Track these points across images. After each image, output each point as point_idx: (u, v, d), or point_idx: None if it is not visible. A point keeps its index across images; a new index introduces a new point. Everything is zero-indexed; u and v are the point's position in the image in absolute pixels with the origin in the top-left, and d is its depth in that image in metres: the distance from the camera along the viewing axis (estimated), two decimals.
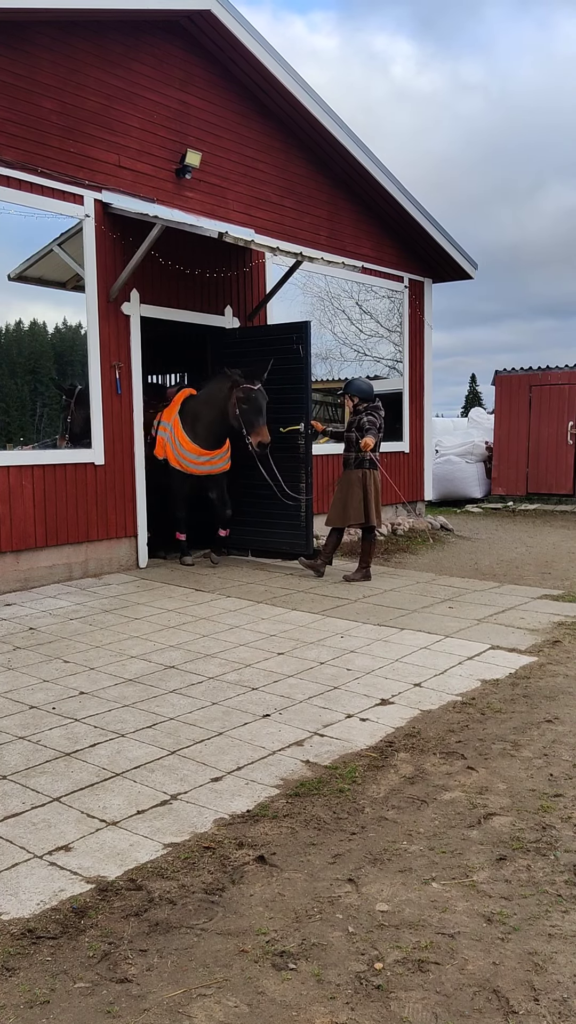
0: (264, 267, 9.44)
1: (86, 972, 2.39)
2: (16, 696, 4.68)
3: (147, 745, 3.98)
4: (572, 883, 2.83)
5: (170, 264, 8.14)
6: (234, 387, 7.79)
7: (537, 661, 5.36)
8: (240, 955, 2.46)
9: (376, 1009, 2.24)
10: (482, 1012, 2.22)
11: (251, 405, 7.76)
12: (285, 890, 2.80)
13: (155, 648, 5.64)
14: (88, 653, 5.52)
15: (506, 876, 2.88)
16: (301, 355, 8.30)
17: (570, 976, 2.36)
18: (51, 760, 3.82)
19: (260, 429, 7.78)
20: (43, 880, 2.85)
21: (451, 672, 5.14)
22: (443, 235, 11.40)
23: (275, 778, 3.63)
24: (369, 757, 3.86)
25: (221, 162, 8.78)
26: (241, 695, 4.70)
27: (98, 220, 7.64)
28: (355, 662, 5.32)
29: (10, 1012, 2.23)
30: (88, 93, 7.49)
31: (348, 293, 10.81)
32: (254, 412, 7.78)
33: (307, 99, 9.12)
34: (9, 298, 7.35)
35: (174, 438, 8.13)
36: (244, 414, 7.79)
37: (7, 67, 6.87)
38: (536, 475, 15.88)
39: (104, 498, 7.86)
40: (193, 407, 8.15)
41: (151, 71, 8.02)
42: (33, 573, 7.35)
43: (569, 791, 3.50)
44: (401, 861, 2.98)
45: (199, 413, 8.09)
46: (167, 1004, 2.26)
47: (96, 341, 7.73)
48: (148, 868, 2.92)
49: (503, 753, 3.91)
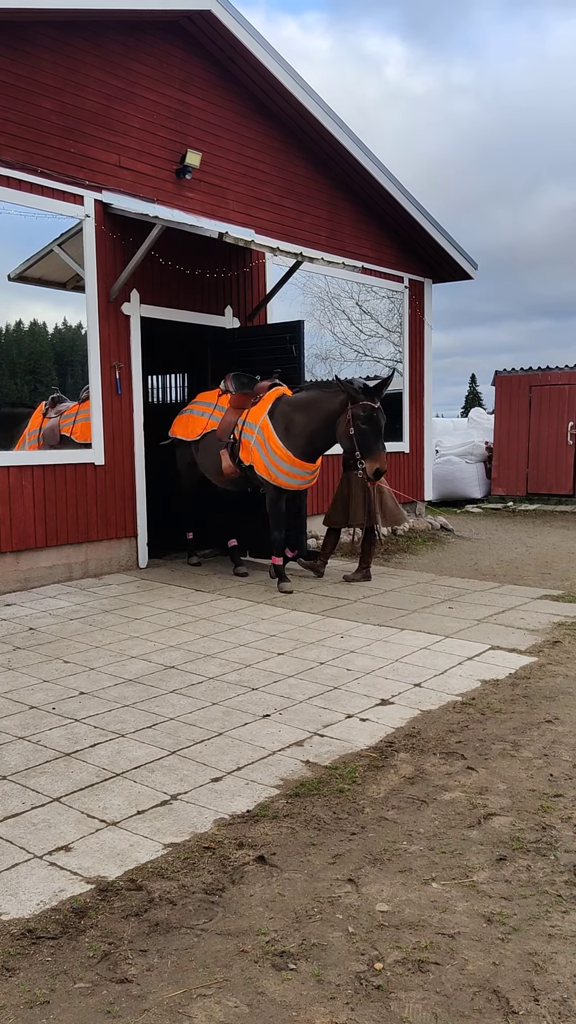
0: (264, 267, 9.44)
1: (86, 972, 2.39)
2: (16, 696, 4.68)
3: (147, 745, 3.98)
4: (572, 883, 2.83)
5: (170, 264, 8.14)
6: (350, 401, 6.90)
7: (537, 661, 5.36)
8: (240, 955, 2.46)
9: (376, 1009, 2.24)
10: (482, 1012, 2.22)
11: (372, 426, 6.86)
12: (285, 890, 2.80)
13: (155, 648, 5.64)
14: (88, 653, 5.52)
15: (506, 876, 2.88)
16: (295, 354, 8.28)
17: (570, 976, 2.36)
18: (51, 760, 3.82)
19: (379, 455, 6.90)
20: (43, 880, 2.85)
21: (451, 672, 5.14)
22: (443, 235, 11.41)
23: (275, 778, 3.63)
24: (369, 757, 3.86)
25: (221, 162, 8.78)
26: (241, 695, 4.70)
27: (98, 220, 7.64)
28: (355, 662, 5.32)
29: (10, 1012, 2.23)
30: (88, 93, 7.50)
31: (348, 293, 10.81)
32: (374, 434, 6.88)
33: (307, 99, 9.12)
34: (9, 298, 7.35)
35: (264, 443, 7.28)
36: (362, 435, 6.87)
37: (7, 67, 6.87)
38: (536, 475, 15.88)
39: (104, 498, 7.86)
40: (286, 411, 7.31)
41: (151, 71, 8.02)
42: (33, 573, 7.35)
43: (569, 791, 3.50)
44: (401, 861, 2.98)
45: (293, 419, 7.24)
46: (167, 1004, 2.26)
47: (96, 341, 7.73)
48: (148, 868, 2.92)
49: (503, 753, 3.91)
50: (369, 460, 6.91)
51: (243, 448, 7.51)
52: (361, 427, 6.87)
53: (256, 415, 7.45)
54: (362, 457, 6.92)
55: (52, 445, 7.58)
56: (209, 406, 8.03)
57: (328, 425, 7.09)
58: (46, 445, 7.53)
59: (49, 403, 7.65)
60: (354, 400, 6.89)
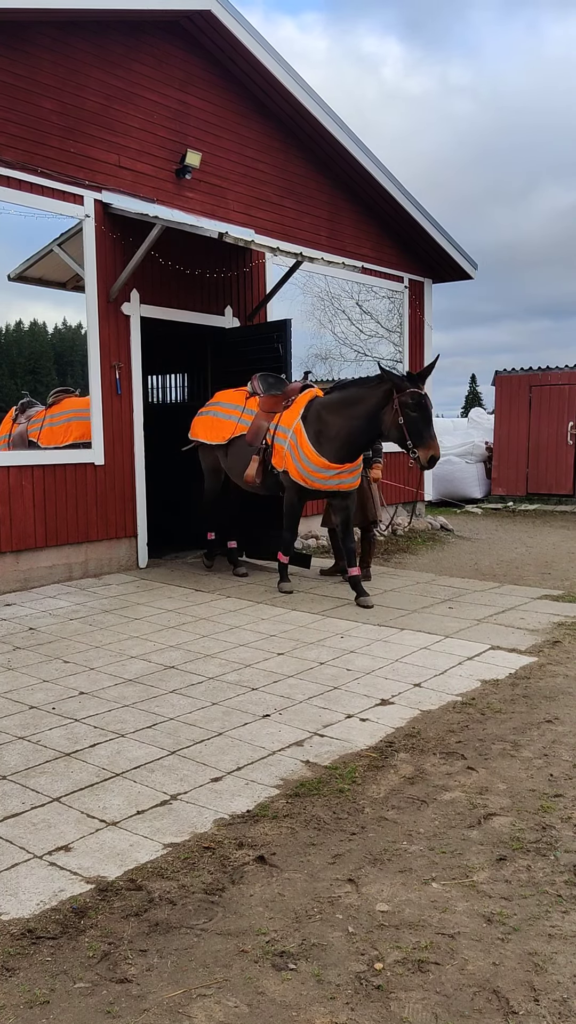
0: (264, 267, 9.44)
1: (86, 972, 2.39)
2: (16, 696, 4.68)
3: (147, 745, 3.98)
4: (572, 883, 2.83)
5: (170, 264, 8.14)
6: (395, 391, 6.71)
7: (537, 661, 5.36)
8: (240, 955, 2.46)
9: (376, 1009, 2.24)
10: (482, 1012, 2.22)
11: (422, 413, 6.66)
12: (285, 890, 2.80)
13: (155, 648, 5.64)
14: (88, 653, 5.52)
15: (506, 876, 2.87)
16: (280, 353, 8.26)
17: (570, 976, 2.36)
18: (51, 760, 3.82)
19: (431, 442, 6.68)
20: (43, 880, 2.85)
21: (451, 672, 5.14)
22: (443, 235, 11.41)
23: (275, 778, 3.63)
24: (369, 757, 3.86)
25: (221, 162, 8.78)
26: (241, 695, 4.70)
27: (98, 220, 7.64)
28: (355, 662, 5.32)
29: (10, 1012, 2.23)
30: (88, 93, 7.50)
31: (348, 293, 10.82)
32: (424, 421, 6.67)
33: (307, 99, 9.12)
34: (9, 298, 7.35)
35: (296, 448, 7.09)
36: (412, 423, 6.64)
37: (7, 67, 6.87)
38: (536, 475, 15.88)
39: (104, 498, 7.86)
40: (321, 413, 7.12)
41: (151, 71, 8.03)
42: (33, 573, 7.35)
43: (569, 791, 3.50)
44: (401, 861, 2.98)
45: (328, 420, 7.05)
46: (167, 1004, 2.25)
47: (96, 341, 7.73)
48: (148, 868, 2.92)
49: (503, 753, 3.91)
50: (422, 448, 6.67)
51: (276, 453, 7.31)
52: (411, 415, 6.65)
53: (289, 419, 7.25)
54: (414, 446, 6.68)
55: None
56: (236, 409, 7.77)
57: (371, 420, 6.87)
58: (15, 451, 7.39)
59: (19, 408, 7.48)
60: (400, 388, 6.68)
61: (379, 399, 6.82)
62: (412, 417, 6.65)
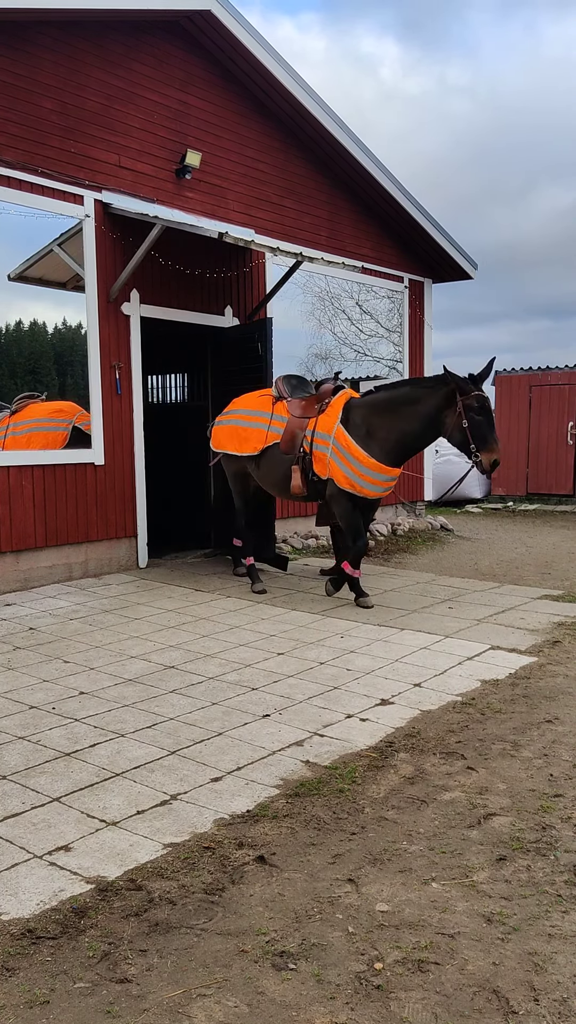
0: (264, 267, 9.44)
1: (86, 972, 2.39)
2: (16, 696, 4.68)
3: (147, 745, 3.98)
4: (572, 883, 2.83)
5: (170, 264, 8.14)
6: (458, 393, 6.47)
7: (537, 661, 5.36)
8: (240, 955, 2.46)
9: (376, 1009, 2.24)
10: (482, 1012, 2.22)
11: (486, 416, 6.47)
12: (285, 890, 2.80)
13: (155, 648, 5.64)
14: (88, 653, 5.52)
15: (506, 876, 2.88)
16: (261, 353, 8.23)
17: (570, 976, 2.36)
18: (51, 760, 3.82)
19: (495, 446, 6.50)
20: (43, 880, 2.85)
21: (451, 672, 5.14)
22: (443, 235, 11.41)
23: (275, 778, 3.63)
24: (369, 757, 3.86)
25: (221, 162, 8.78)
26: (241, 695, 4.70)
27: (98, 220, 7.64)
28: (355, 662, 5.32)
29: (10, 1012, 2.23)
30: (88, 93, 7.50)
31: (348, 293, 10.82)
32: (489, 425, 6.48)
33: (307, 99, 9.12)
34: (9, 298, 7.35)
35: (343, 453, 6.74)
36: (476, 427, 6.42)
37: (7, 67, 6.87)
38: (536, 475, 15.89)
39: (104, 498, 7.86)
40: (365, 416, 6.82)
41: (151, 71, 8.02)
42: (33, 573, 7.35)
43: (569, 791, 3.50)
44: (401, 861, 2.98)
45: (377, 423, 6.76)
46: (167, 1004, 2.25)
47: (96, 341, 7.73)
48: (148, 868, 2.92)
49: (503, 753, 3.91)
50: (485, 452, 6.45)
51: (317, 461, 6.90)
52: (475, 418, 6.43)
53: (327, 424, 6.87)
54: (477, 449, 6.45)
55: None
56: (263, 416, 7.31)
57: (429, 423, 6.64)
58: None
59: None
60: (464, 391, 6.45)
61: (439, 402, 6.56)
62: (477, 420, 6.44)
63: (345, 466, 6.73)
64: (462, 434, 6.49)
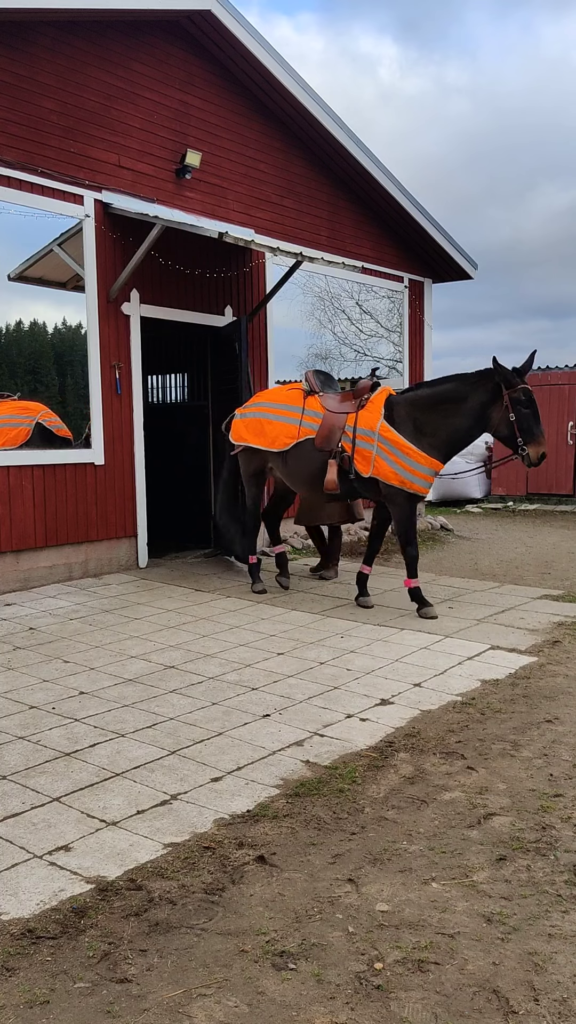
0: (264, 267, 9.44)
1: (86, 972, 2.39)
2: (16, 696, 4.68)
3: (147, 745, 3.98)
4: (572, 883, 2.83)
5: (170, 264, 8.14)
6: (503, 386, 6.41)
7: (537, 661, 5.36)
8: (240, 955, 2.46)
9: (376, 1009, 2.24)
10: (482, 1012, 2.22)
11: (532, 409, 6.43)
12: (285, 890, 2.80)
13: (155, 648, 5.64)
14: (88, 653, 5.52)
15: (506, 876, 2.88)
16: (237, 352, 8.21)
17: (570, 976, 2.36)
18: (51, 760, 3.82)
19: (542, 439, 6.47)
20: (43, 880, 2.85)
21: (451, 672, 5.14)
22: (443, 235, 11.41)
23: (275, 778, 3.63)
24: (369, 757, 3.86)
25: (221, 162, 8.78)
26: (241, 695, 4.70)
27: (98, 220, 7.64)
28: (355, 662, 5.32)
29: (10, 1012, 2.23)
30: (88, 93, 7.50)
31: (348, 293, 10.82)
32: (535, 417, 6.43)
33: (307, 99, 9.12)
34: (9, 298, 7.35)
35: (391, 449, 6.58)
36: (523, 419, 6.37)
37: (7, 67, 6.87)
38: (536, 475, 15.88)
39: (104, 498, 7.86)
40: (411, 412, 6.68)
41: (151, 71, 8.03)
42: (33, 573, 7.35)
43: (569, 791, 3.50)
44: (401, 861, 2.98)
45: (424, 419, 6.64)
46: (167, 1004, 2.26)
47: (96, 341, 7.73)
48: (148, 868, 2.92)
49: (503, 753, 3.91)
50: (533, 445, 6.40)
51: (360, 458, 6.71)
52: (523, 411, 6.38)
53: (369, 420, 6.71)
54: (524, 443, 6.39)
55: None
56: (295, 410, 7.08)
57: (478, 417, 6.55)
58: None
59: None
60: (510, 384, 6.39)
61: (486, 397, 6.51)
62: (524, 413, 6.39)
63: (395, 463, 6.59)
64: (509, 428, 6.44)
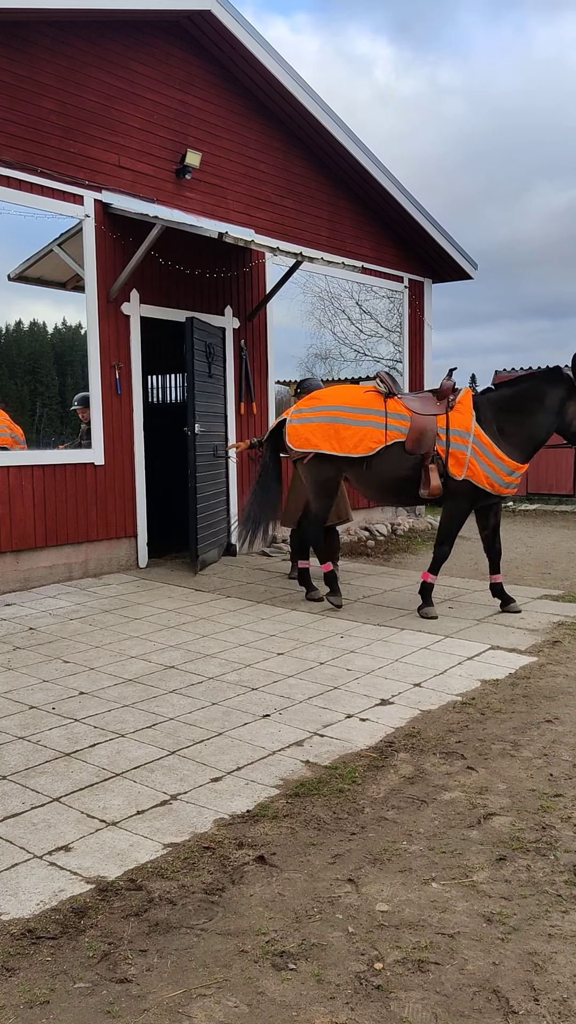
0: (264, 267, 9.44)
1: (86, 972, 2.39)
2: (16, 696, 4.68)
3: (147, 745, 3.98)
4: (572, 883, 2.83)
5: (170, 264, 8.14)
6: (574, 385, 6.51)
7: (537, 661, 5.36)
8: (240, 955, 2.46)
9: (376, 1009, 2.24)
10: (482, 1012, 2.22)
11: None
12: (285, 890, 2.80)
13: (155, 648, 5.64)
14: (88, 653, 5.52)
15: (506, 876, 2.88)
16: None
17: (570, 976, 2.36)
18: (51, 760, 3.82)
19: None
20: (43, 880, 2.85)
21: (451, 672, 5.14)
22: (443, 235, 11.41)
23: (275, 778, 3.63)
24: (369, 757, 3.86)
25: (221, 162, 8.78)
26: (241, 695, 4.70)
27: (98, 220, 7.64)
28: (355, 662, 5.32)
29: (10, 1012, 2.23)
30: (88, 93, 7.50)
31: (348, 293, 10.82)
32: None
33: (307, 99, 9.13)
34: (9, 298, 7.35)
35: (484, 452, 6.48)
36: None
37: (7, 67, 6.87)
38: (536, 475, 15.88)
39: (104, 498, 7.86)
40: (497, 412, 6.65)
41: (151, 71, 8.03)
42: (33, 573, 7.35)
43: (569, 791, 3.50)
44: (401, 861, 2.98)
45: (508, 419, 6.62)
46: (167, 1004, 2.26)
47: (96, 341, 7.73)
48: (148, 868, 2.92)
49: (503, 753, 3.91)
50: None
51: (454, 461, 6.49)
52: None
53: (462, 422, 6.55)
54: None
55: None
56: (377, 414, 6.68)
57: (556, 415, 6.60)
58: None
59: None
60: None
61: (564, 393, 6.55)
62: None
63: (487, 466, 6.49)
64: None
